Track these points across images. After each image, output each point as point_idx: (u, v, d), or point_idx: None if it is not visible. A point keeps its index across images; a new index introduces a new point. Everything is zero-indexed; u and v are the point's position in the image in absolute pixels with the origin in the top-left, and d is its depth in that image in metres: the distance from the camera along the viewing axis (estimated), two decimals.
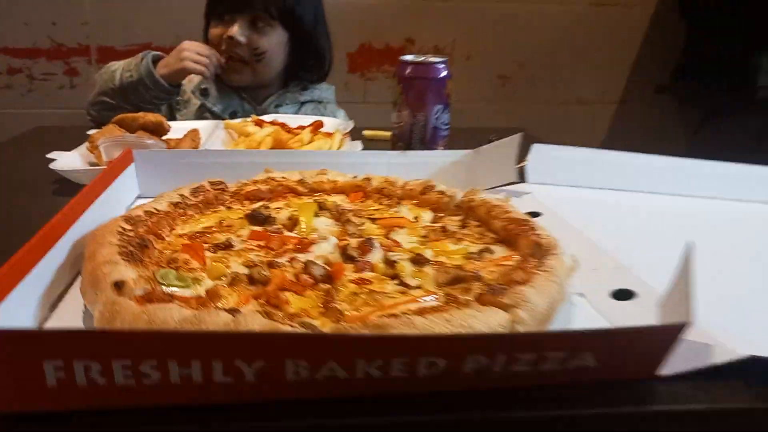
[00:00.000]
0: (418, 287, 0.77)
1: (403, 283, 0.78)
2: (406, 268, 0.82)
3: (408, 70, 1.49)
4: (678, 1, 3.35)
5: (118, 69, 1.97)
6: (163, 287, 0.74)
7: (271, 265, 0.81)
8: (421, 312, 0.66)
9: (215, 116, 2.02)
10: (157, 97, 1.95)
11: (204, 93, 2.04)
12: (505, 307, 0.68)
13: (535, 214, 1.11)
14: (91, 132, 1.50)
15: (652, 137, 3.59)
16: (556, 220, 1.07)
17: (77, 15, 2.92)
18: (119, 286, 0.69)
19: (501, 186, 1.25)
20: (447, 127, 1.53)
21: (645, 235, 1.09)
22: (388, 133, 1.76)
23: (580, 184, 1.29)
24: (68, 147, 1.47)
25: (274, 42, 2.02)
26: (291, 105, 2.12)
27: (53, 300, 0.77)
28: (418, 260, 0.84)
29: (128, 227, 0.86)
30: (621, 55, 3.58)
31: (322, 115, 2.12)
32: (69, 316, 0.75)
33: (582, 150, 1.33)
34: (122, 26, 2.97)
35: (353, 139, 1.60)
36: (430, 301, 0.72)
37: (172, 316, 0.62)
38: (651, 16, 3.51)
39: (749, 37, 3.07)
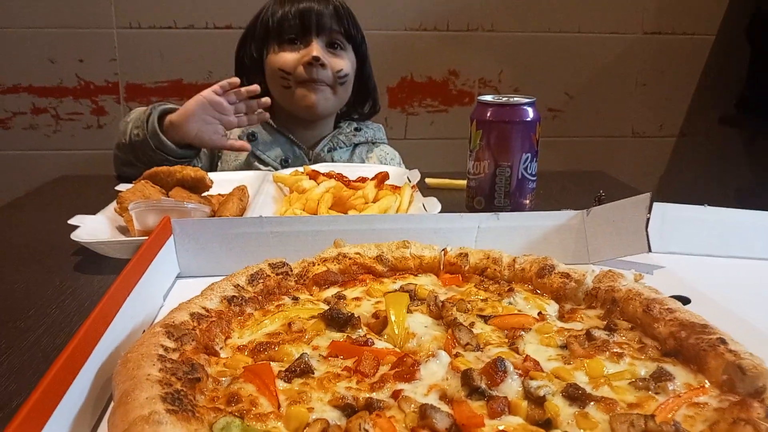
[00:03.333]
0: None
1: None
2: (561, 409, 0.58)
3: (488, 113, 1.26)
4: (746, 27, 3.10)
5: (131, 122, 1.67)
6: None
7: (369, 407, 0.57)
8: None
9: (264, 164, 1.79)
10: (166, 160, 1.60)
11: (251, 138, 1.82)
12: None
13: (681, 300, 0.86)
14: (119, 188, 1.29)
15: (717, 172, 3.32)
16: (717, 310, 0.82)
17: (105, 51, 2.76)
18: None
19: (621, 258, 1.01)
20: (535, 178, 1.29)
21: None
22: (458, 182, 1.54)
23: (721, 252, 1.04)
24: (93, 201, 1.26)
25: (351, 65, 1.82)
26: (345, 149, 1.90)
27: None
28: (576, 396, 0.59)
29: (171, 345, 0.63)
30: (680, 85, 3.32)
31: (375, 155, 1.91)
32: None
33: (716, 210, 1.08)
34: (152, 62, 2.80)
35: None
36: None
37: None
38: (712, 44, 3.27)
39: None
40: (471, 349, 0.68)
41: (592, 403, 0.59)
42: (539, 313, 0.78)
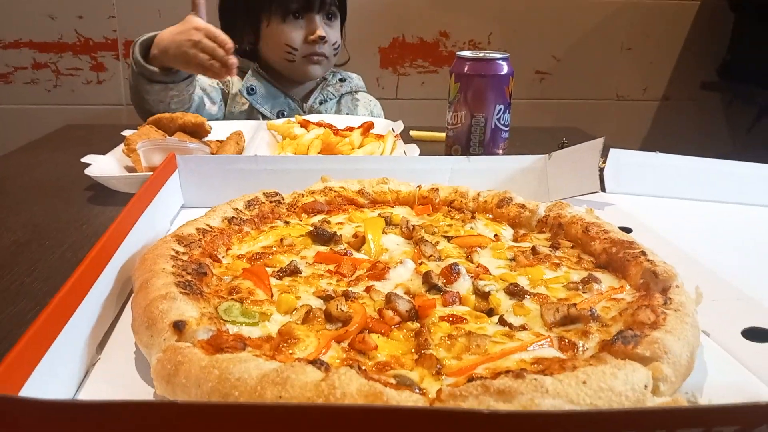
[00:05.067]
0: (523, 327, 0.66)
1: (504, 322, 0.67)
2: (503, 301, 0.71)
3: (466, 67, 1.37)
4: None
5: (130, 66, 1.65)
6: (228, 325, 0.63)
7: (346, 296, 0.70)
8: (547, 368, 0.55)
9: (263, 117, 1.90)
10: (166, 89, 1.60)
11: (251, 91, 1.92)
12: (643, 361, 0.56)
13: (624, 230, 0.99)
14: (126, 133, 1.40)
15: (697, 136, 3.43)
16: (652, 236, 0.94)
17: (104, 8, 2.83)
18: (179, 327, 0.58)
19: (578, 196, 1.13)
20: (507, 128, 1.40)
21: (755, 254, 0.96)
22: (439, 135, 1.65)
23: (666, 194, 1.16)
24: (100, 147, 1.37)
25: (339, 33, 1.95)
26: (333, 100, 2.03)
27: (101, 337, 0.67)
28: (515, 291, 0.72)
29: (181, 249, 0.75)
30: (664, 50, 3.41)
31: (360, 103, 2.07)
32: (118, 358, 0.65)
33: (665, 156, 1.20)
34: (150, 20, 2.87)
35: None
36: (545, 348, 0.61)
37: (250, 373, 0.51)
38: (696, 10, 3.35)
39: None
40: (433, 260, 0.81)
41: (528, 297, 0.72)
42: (495, 235, 0.90)
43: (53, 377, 0.56)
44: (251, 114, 1.91)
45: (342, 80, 2.07)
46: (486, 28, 3.22)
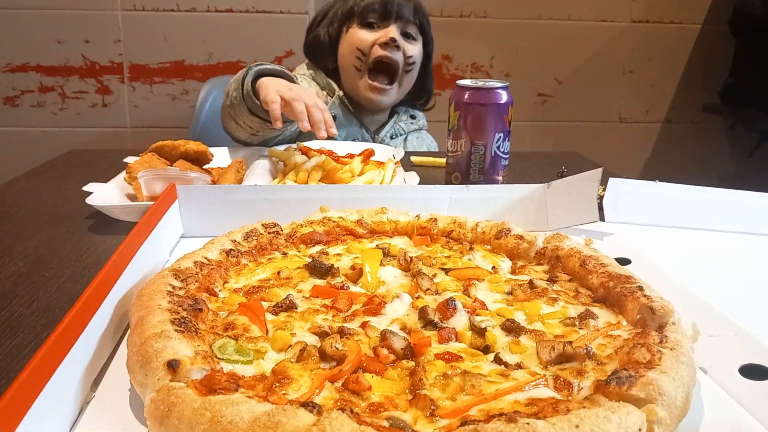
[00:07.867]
0: (518, 366, 0.66)
1: (499, 360, 0.66)
2: (499, 338, 0.71)
3: (465, 96, 1.38)
4: (729, 19, 3.20)
5: (233, 81, 1.61)
6: (222, 363, 0.63)
7: (341, 332, 0.70)
8: (540, 411, 0.55)
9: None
10: (263, 124, 1.55)
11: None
12: (638, 403, 0.56)
13: (623, 261, 0.99)
14: (128, 160, 1.41)
15: (699, 158, 3.44)
16: (650, 268, 0.94)
17: (111, 32, 2.87)
18: (173, 366, 0.59)
19: (577, 225, 1.13)
20: (507, 155, 1.41)
21: (755, 286, 0.96)
22: (439, 160, 1.66)
23: (666, 223, 1.16)
24: (104, 173, 1.38)
25: (419, 54, 1.95)
26: (401, 136, 2.06)
27: (96, 373, 0.67)
28: (512, 328, 0.72)
29: (178, 284, 0.76)
30: (666, 73, 3.43)
31: (423, 142, 2.11)
32: (113, 396, 0.65)
33: (665, 185, 1.20)
34: (155, 44, 2.91)
35: (402, 164, 1.49)
36: (540, 388, 0.60)
37: (241, 416, 0.51)
38: (698, 33, 3.37)
39: None
40: (431, 294, 0.81)
41: (524, 334, 0.72)
42: (493, 268, 0.90)
43: (48, 416, 0.56)
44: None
45: (412, 117, 2.11)
46: (488, 52, 3.25)
